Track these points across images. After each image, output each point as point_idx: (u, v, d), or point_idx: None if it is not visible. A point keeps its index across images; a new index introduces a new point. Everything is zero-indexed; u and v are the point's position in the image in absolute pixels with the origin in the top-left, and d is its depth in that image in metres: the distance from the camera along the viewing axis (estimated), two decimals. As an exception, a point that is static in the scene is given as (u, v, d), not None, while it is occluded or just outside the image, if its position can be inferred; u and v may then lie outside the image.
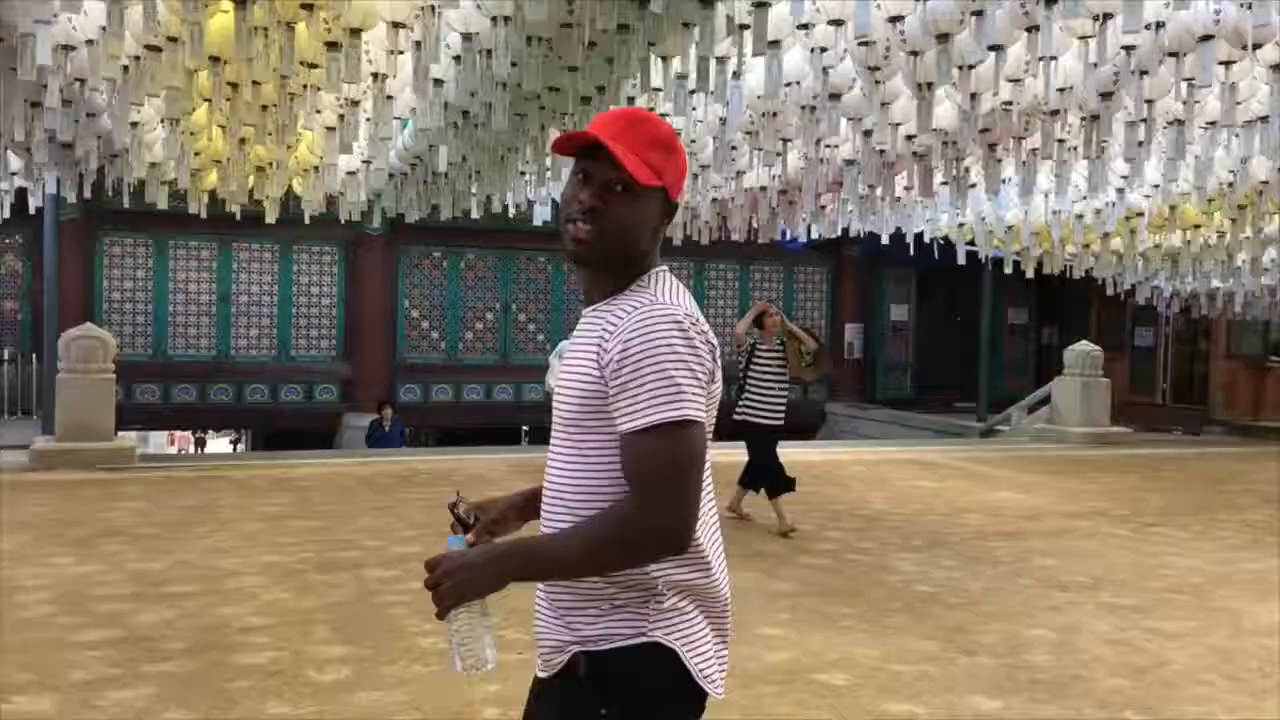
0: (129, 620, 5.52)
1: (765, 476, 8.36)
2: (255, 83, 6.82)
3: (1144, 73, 6.15)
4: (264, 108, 7.29)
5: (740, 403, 8.40)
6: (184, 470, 10.95)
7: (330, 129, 7.82)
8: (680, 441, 1.68)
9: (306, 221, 10.99)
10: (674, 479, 1.69)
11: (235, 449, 24.57)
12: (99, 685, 4.57)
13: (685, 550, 1.72)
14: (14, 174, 9.86)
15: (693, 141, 8.90)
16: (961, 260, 13.41)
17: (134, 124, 7.91)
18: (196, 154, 8.85)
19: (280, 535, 7.72)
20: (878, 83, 6.59)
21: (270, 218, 10.35)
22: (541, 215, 12.12)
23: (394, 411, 15.50)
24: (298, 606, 5.87)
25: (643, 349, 1.70)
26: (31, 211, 11.67)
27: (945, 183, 9.44)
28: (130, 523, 8.03)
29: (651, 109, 7.88)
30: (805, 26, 6.04)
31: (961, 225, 12.40)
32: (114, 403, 11.01)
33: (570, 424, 1.82)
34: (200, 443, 26.69)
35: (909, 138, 8.03)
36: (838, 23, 5.89)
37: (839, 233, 12.91)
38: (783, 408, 8.43)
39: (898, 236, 12.94)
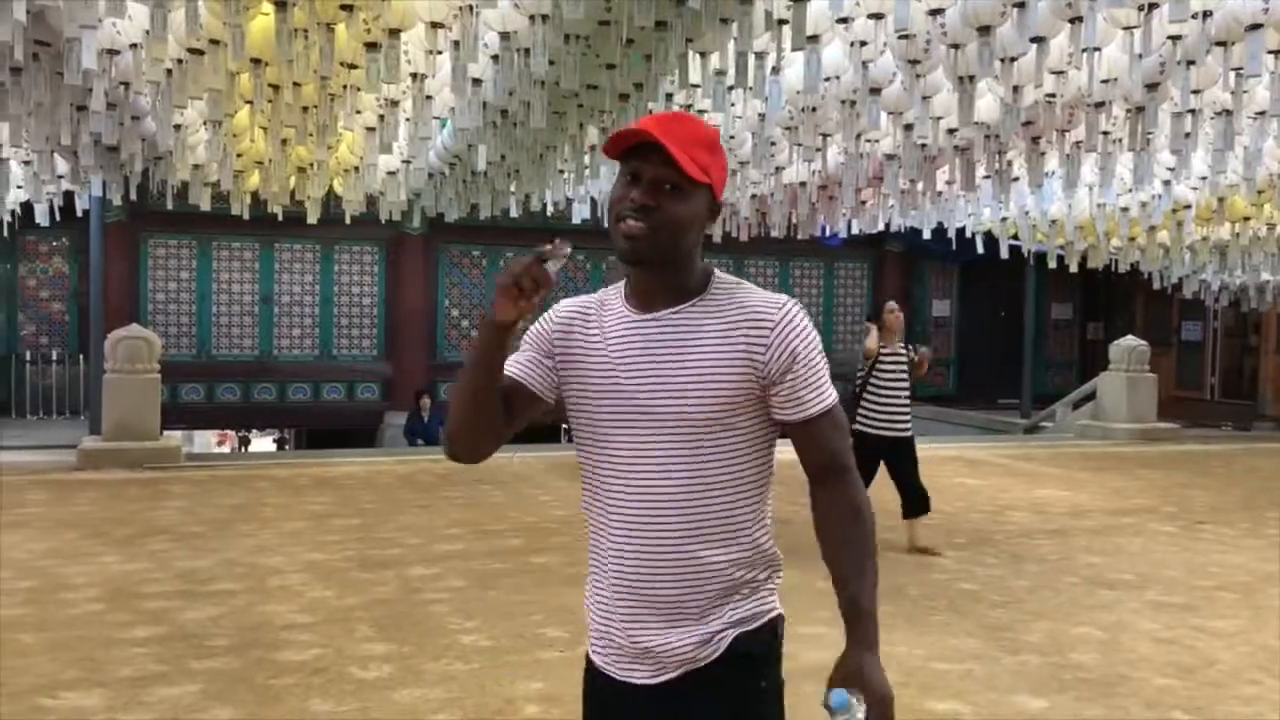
0: (175, 618, 5.59)
1: (916, 493, 7.52)
2: (296, 84, 6.88)
3: (1191, 63, 6.04)
4: (305, 109, 7.34)
5: (862, 414, 7.47)
6: (228, 469, 11.07)
7: (370, 129, 7.86)
8: (840, 417, 1.92)
9: (347, 221, 11.06)
10: (849, 448, 1.94)
11: (281, 448, 24.79)
12: (146, 682, 4.62)
13: None
14: (60, 177, 10.00)
15: (732, 138, 8.85)
16: (1005, 255, 13.28)
17: (177, 126, 8.00)
18: (239, 155, 8.94)
19: (323, 533, 7.78)
20: (918, 76, 6.53)
21: (312, 218, 10.43)
22: (580, 213, 12.13)
23: (432, 402, 15.42)
24: (340, 604, 5.91)
25: (807, 342, 1.85)
26: (78, 214, 11.84)
27: (987, 176, 9.33)
28: (176, 521, 8.12)
29: (689, 106, 7.86)
30: (844, 20, 5.99)
31: (1004, 219, 12.28)
32: (159, 402, 11.13)
33: (700, 427, 1.84)
34: (245, 441, 26.96)
35: (950, 131, 7.95)
36: (877, 16, 5.83)
37: (880, 228, 12.82)
38: (909, 416, 7.56)
39: (939, 231, 12.83)
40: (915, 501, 7.52)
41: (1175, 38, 5.88)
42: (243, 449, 26.29)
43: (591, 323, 1.96)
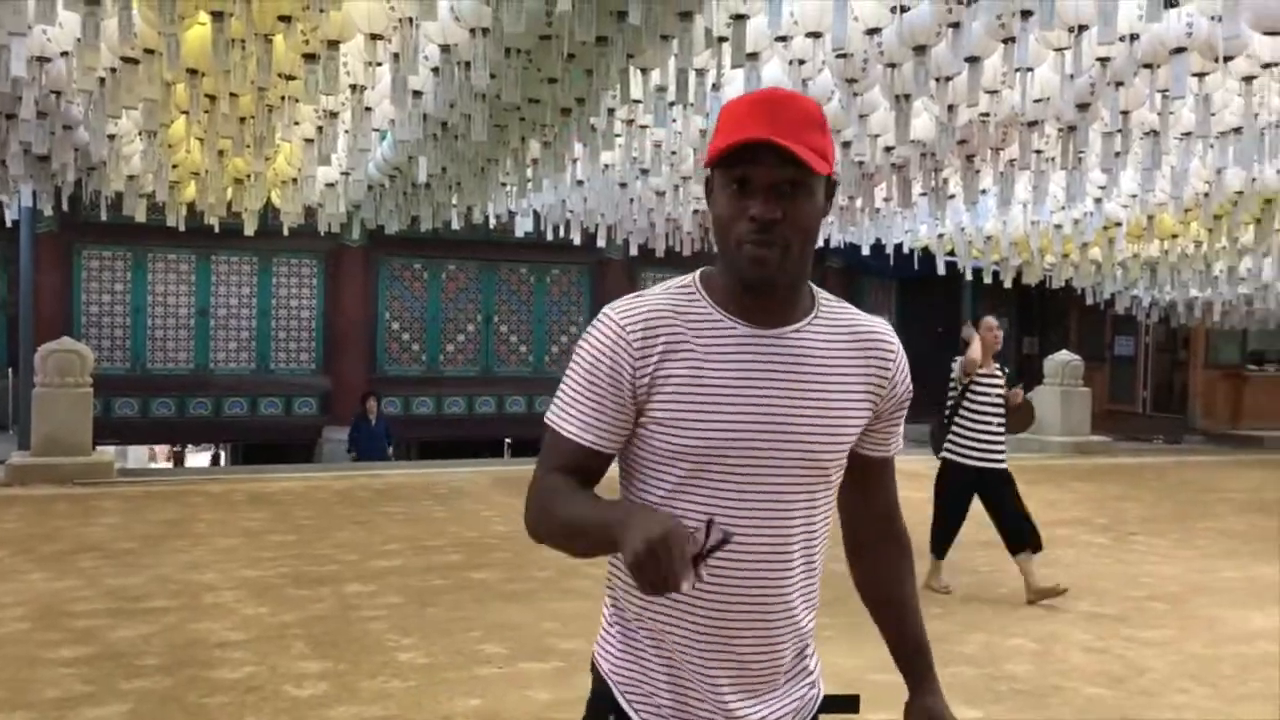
0: (104, 636, 5.47)
1: (1013, 525, 6.81)
2: (233, 94, 6.80)
3: (1119, 84, 6.19)
4: (242, 119, 7.26)
5: (954, 441, 6.93)
6: (162, 485, 10.88)
7: (309, 141, 7.80)
8: None
9: (285, 233, 10.96)
10: None
11: (216, 463, 24.39)
12: (73, 703, 4.52)
13: None
14: (-11, 187, 9.80)
15: (673, 154, 8.91)
16: (941, 271, 13.46)
17: (111, 136, 7.87)
18: (174, 166, 8.81)
19: (258, 550, 7.67)
20: (856, 95, 6.62)
21: (249, 230, 10.31)
22: (523, 226, 12.13)
23: (379, 405, 14.74)
24: (275, 621, 5.82)
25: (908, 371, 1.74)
26: (8, 224, 11.59)
27: (924, 193, 9.47)
28: (107, 538, 7.96)
29: (631, 121, 7.90)
30: (783, 39, 6.06)
31: (941, 236, 12.46)
32: (91, 417, 10.94)
33: (824, 469, 1.62)
34: (178, 457, 26.47)
35: (887, 149, 8.06)
36: (815, 35, 5.91)
37: (820, 244, 12.94)
38: (1004, 445, 6.89)
39: (878, 247, 12.98)
40: (1025, 534, 6.76)
41: (1104, 59, 6.01)
42: (177, 464, 25.83)
43: (681, 341, 1.57)
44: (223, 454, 23.87)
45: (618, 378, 1.56)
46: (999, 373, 6.96)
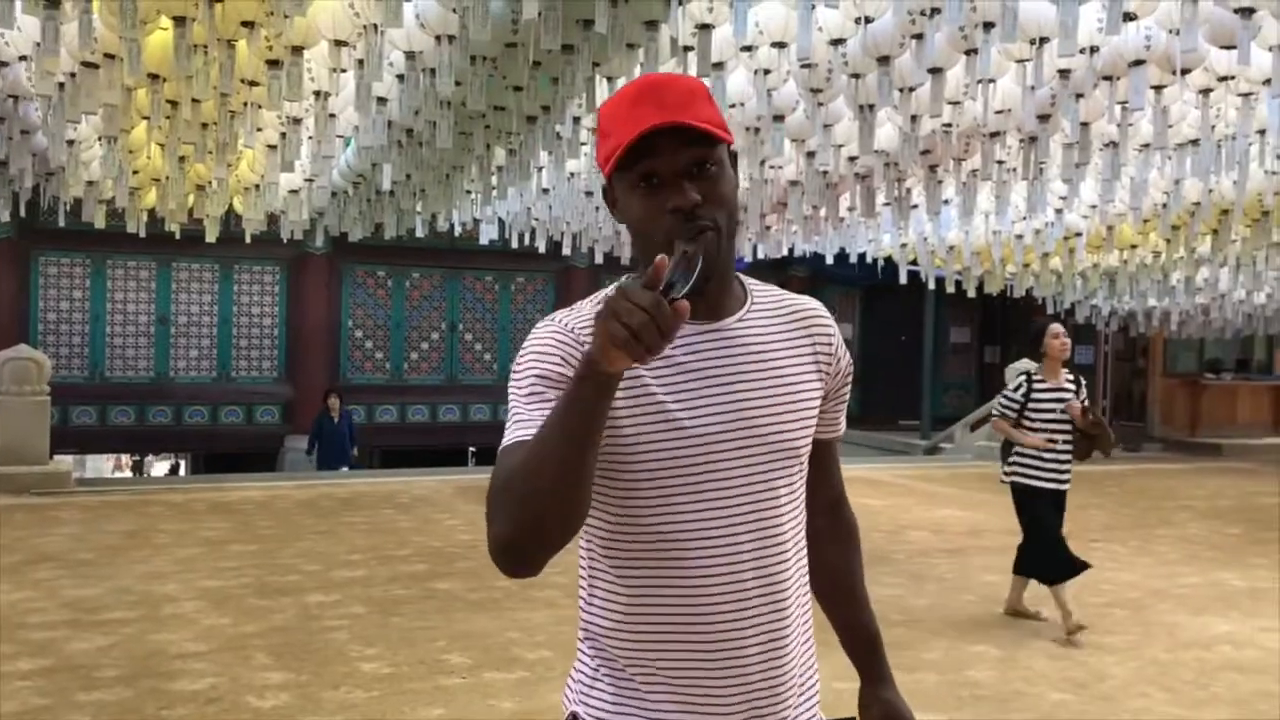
0: (62, 648, 5.39)
1: (1043, 556, 6.24)
2: (195, 100, 6.73)
3: (1079, 96, 6.26)
4: (204, 125, 7.19)
5: (1022, 462, 6.29)
6: (121, 494, 10.75)
7: (272, 147, 7.73)
8: None
9: (247, 241, 10.85)
10: None
11: (174, 473, 24.12)
12: (29, 716, 4.45)
13: None
14: (-55, 192, 9.65)
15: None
16: (904, 280, 13.55)
17: (70, 142, 7.77)
18: (135, 172, 8.71)
19: (219, 560, 7.59)
20: (820, 104, 6.66)
21: (210, 237, 10.21)
22: (488, 234, 12.09)
23: (343, 403, 14.00)
24: (236, 632, 5.76)
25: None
26: (-37, 230, 11.45)
27: (887, 203, 9.52)
28: (65, 548, 7.85)
29: (597, 129, 7.89)
30: (749, 49, 6.09)
31: (904, 245, 12.54)
32: (48, 426, 10.79)
33: (799, 454, 1.56)
34: (138, 466, 26.14)
35: (851, 159, 8.11)
36: (781, 45, 5.94)
37: (784, 252, 13.00)
38: (1069, 464, 6.31)
39: (842, 256, 13.05)
40: (1068, 559, 6.19)
41: (1064, 71, 6.08)
42: (136, 474, 25.52)
43: None
44: (182, 464, 23.61)
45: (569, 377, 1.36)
46: (1069, 385, 6.27)
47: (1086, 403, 6.28)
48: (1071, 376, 6.35)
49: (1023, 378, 6.37)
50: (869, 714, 1.71)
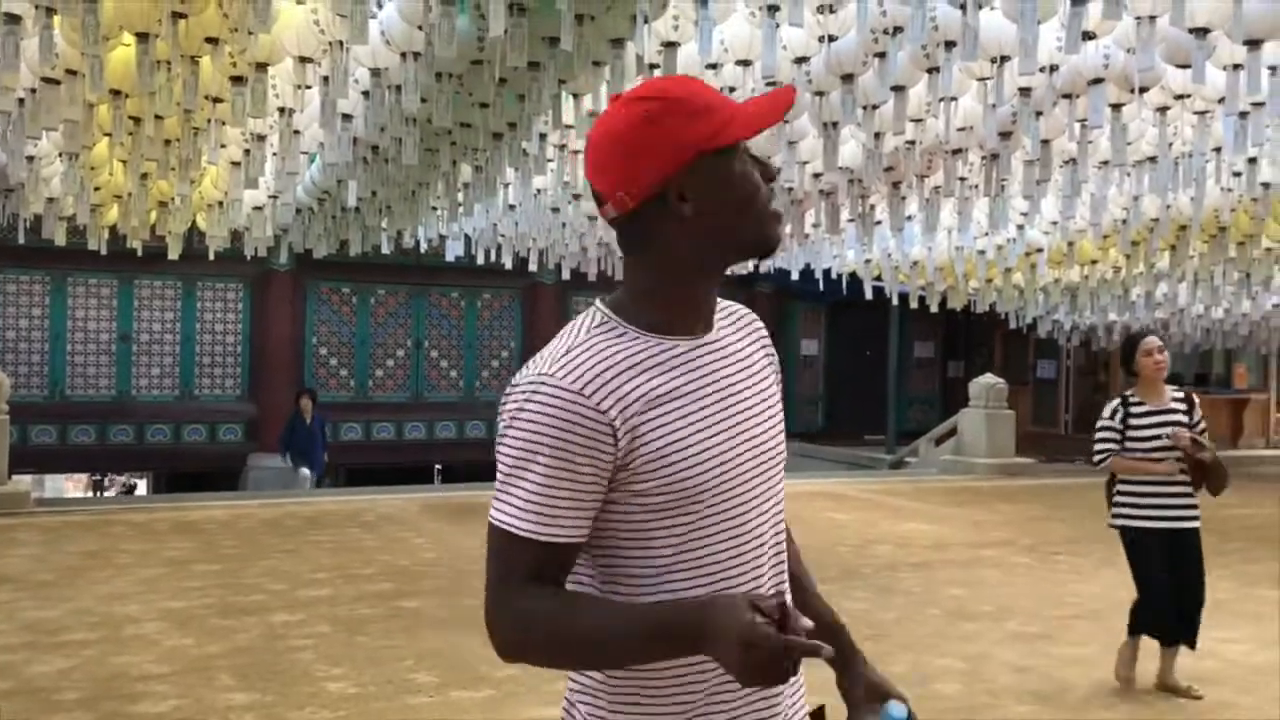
0: (21, 671, 5.31)
1: (1152, 611, 5.34)
2: (158, 116, 6.69)
3: (1040, 113, 6.35)
4: (167, 142, 7.15)
5: (1128, 500, 5.37)
6: (82, 514, 10.60)
7: (236, 164, 7.70)
8: None
9: (210, 258, 10.79)
10: None
11: (129, 493, 23.82)
12: (-12, 740, 4.38)
13: None
14: (-98, 209, 9.52)
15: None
16: (869, 295, 13.65)
17: (30, 158, 7.70)
18: (96, 189, 8.63)
19: (182, 580, 7.50)
20: (785, 122, 6.71)
21: (173, 254, 10.14)
22: (454, 250, 12.07)
23: (315, 404, 13.79)
24: (200, 653, 5.70)
25: None
26: (-80, 247, 11.30)
27: (852, 220, 9.61)
28: (24, 569, 7.73)
29: (563, 147, 7.92)
30: (713, 66, 6.14)
31: (868, 261, 12.64)
32: (7, 445, 10.65)
33: (783, 462, 1.57)
34: (99, 486, 25.79)
35: (816, 176, 8.17)
36: (745, 63, 5.99)
37: (750, 269, 13.07)
38: (1189, 496, 5.30)
39: (807, 272, 13.13)
40: (1165, 617, 5.32)
41: (1025, 90, 6.17)
42: (97, 494, 25.18)
43: (638, 375, 1.40)
44: (140, 484, 23.33)
45: (594, 452, 1.34)
46: (1176, 406, 5.29)
47: (1203, 426, 5.32)
48: (1181, 394, 5.37)
49: (1116, 400, 5.41)
50: (854, 694, 1.72)
